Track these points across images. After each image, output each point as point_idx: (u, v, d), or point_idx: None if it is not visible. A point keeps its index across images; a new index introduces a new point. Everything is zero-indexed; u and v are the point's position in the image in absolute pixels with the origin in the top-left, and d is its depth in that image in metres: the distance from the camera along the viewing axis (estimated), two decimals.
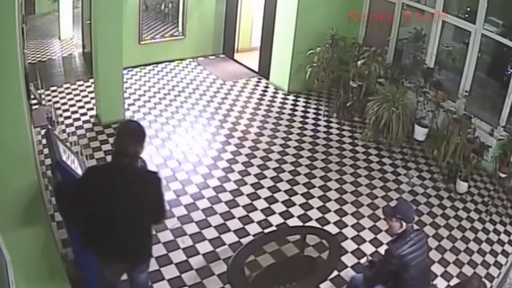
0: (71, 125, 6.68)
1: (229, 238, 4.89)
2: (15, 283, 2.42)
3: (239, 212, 5.30)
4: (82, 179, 3.20)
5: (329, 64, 7.70)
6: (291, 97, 8.25)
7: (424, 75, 7.11)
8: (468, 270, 4.83)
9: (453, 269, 4.82)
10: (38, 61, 8.57)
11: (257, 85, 8.66)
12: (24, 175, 3.42)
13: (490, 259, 5.03)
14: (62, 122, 6.66)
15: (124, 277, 3.61)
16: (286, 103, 8.04)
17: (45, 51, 9.15)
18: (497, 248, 5.21)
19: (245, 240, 4.81)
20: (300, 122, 7.47)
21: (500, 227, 5.55)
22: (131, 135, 3.08)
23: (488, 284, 4.61)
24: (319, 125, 7.41)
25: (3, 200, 3.22)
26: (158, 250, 4.62)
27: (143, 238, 3.29)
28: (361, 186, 6.01)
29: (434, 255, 4.93)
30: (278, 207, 5.44)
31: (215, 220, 5.13)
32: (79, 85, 7.88)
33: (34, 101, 5.67)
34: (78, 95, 7.58)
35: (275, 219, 5.24)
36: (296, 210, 5.43)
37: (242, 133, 6.97)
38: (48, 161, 5.64)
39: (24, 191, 3.39)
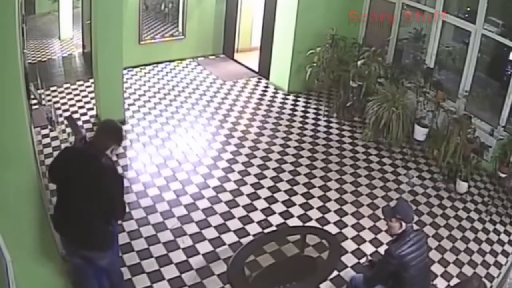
0: None
1: (229, 238, 4.89)
2: (15, 283, 2.42)
3: (239, 212, 5.30)
4: (58, 155, 3.61)
5: (329, 64, 7.69)
6: (291, 97, 8.25)
7: (424, 75, 7.11)
8: (468, 270, 4.83)
9: (453, 269, 4.82)
10: (38, 61, 8.56)
11: (257, 85, 8.66)
12: (24, 175, 3.41)
13: (490, 259, 5.03)
14: (62, 122, 6.66)
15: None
16: (286, 103, 8.04)
17: (45, 51, 9.14)
18: (497, 248, 5.21)
19: (245, 240, 4.81)
20: (300, 122, 7.46)
21: (500, 227, 5.55)
22: (108, 131, 3.48)
23: (488, 284, 4.62)
24: (319, 125, 7.41)
25: (3, 200, 3.22)
26: (157, 250, 4.63)
27: (93, 227, 3.40)
28: (361, 186, 6.01)
29: (434, 255, 4.93)
30: (278, 207, 5.44)
31: (215, 220, 5.13)
32: (79, 85, 7.89)
33: (34, 101, 5.66)
34: (78, 95, 7.59)
35: (275, 219, 5.24)
36: (296, 210, 5.43)
37: (242, 133, 6.97)
38: (48, 161, 5.66)
39: (24, 191, 3.39)
